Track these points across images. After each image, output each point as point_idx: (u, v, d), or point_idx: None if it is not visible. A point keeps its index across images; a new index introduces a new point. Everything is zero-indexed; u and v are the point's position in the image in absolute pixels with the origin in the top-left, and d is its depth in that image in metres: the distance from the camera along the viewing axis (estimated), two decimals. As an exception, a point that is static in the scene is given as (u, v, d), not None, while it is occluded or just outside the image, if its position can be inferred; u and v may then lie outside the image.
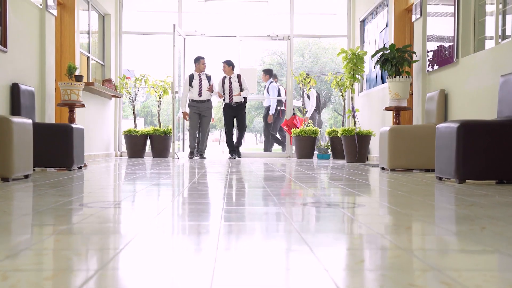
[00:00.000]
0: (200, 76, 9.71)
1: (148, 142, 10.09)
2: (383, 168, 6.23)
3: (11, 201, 2.95)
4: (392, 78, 6.71)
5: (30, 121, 4.63)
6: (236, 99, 9.71)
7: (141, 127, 10.64)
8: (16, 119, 4.30)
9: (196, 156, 9.80)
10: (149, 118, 35.82)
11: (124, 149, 10.48)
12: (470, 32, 5.79)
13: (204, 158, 9.72)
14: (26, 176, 4.51)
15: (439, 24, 6.39)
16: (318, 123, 11.41)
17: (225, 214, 2.45)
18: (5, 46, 5.43)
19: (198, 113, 9.73)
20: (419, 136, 5.96)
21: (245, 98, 9.87)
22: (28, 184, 3.98)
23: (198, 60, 9.77)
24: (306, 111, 11.27)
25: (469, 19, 5.80)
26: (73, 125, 5.78)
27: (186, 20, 10.93)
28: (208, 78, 9.79)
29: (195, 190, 3.64)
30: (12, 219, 2.26)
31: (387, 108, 6.93)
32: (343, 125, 9.79)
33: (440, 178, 4.68)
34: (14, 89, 5.62)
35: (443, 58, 6.17)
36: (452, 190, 3.78)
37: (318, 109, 11.61)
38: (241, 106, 9.82)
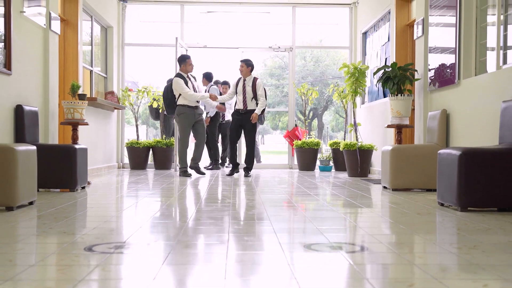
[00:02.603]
0: (190, 78, 8.27)
1: (151, 154, 10.12)
2: (385, 187, 6.26)
3: (16, 243, 2.97)
4: (394, 96, 6.73)
5: (34, 148, 4.65)
6: (250, 106, 8.16)
7: (143, 133, 10.67)
8: (20, 148, 4.31)
9: (189, 174, 8.11)
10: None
11: (126, 160, 10.51)
12: (472, 54, 5.79)
13: (202, 174, 8.34)
14: (31, 203, 4.53)
15: (441, 35, 6.37)
16: (319, 126, 11.40)
17: (228, 262, 2.47)
18: (9, 69, 5.46)
19: (192, 121, 8.29)
20: (421, 156, 5.99)
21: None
22: (32, 214, 4.00)
23: (185, 60, 8.22)
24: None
25: (471, 42, 5.80)
26: (76, 146, 5.80)
27: (188, 31, 10.95)
28: (195, 78, 8.43)
29: (199, 224, 3.67)
30: (17, 273, 2.28)
31: (389, 126, 6.96)
32: (344, 138, 9.83)
33: (442, 204, 4.70)
34: (18, 110, 5.65)
35: (445, 78, 6.18)
36: (454, 221, 3.81)
37: (260, 119, 10.90)
38: (251, 114, 8.15)
